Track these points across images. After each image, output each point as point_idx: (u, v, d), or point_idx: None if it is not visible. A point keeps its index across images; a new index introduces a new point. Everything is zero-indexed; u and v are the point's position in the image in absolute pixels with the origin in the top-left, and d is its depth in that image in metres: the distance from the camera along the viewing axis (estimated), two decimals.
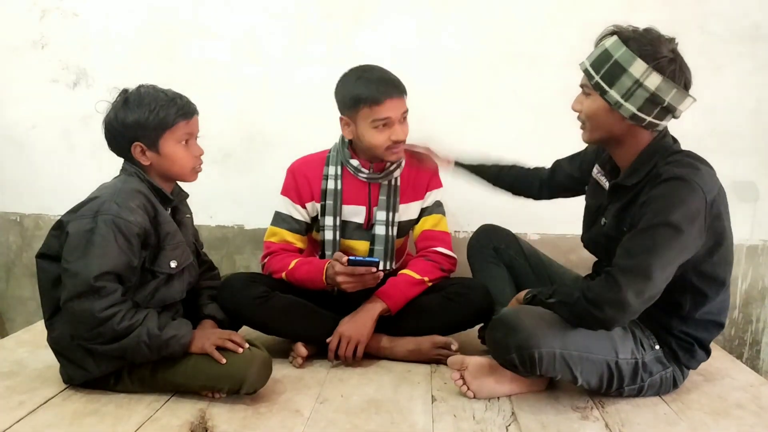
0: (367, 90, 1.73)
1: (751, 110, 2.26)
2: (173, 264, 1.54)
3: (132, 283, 1.47)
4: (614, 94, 1.40)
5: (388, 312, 1.79)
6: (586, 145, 1.67)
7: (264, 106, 2.38)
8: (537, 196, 1.94)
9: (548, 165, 1.93)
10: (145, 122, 1.48)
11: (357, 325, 1.75)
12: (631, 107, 1.40)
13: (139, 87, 1.53)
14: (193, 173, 1.59)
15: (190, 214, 1.74)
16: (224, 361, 1.46)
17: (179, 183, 1.65)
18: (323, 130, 1.98)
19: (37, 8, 2.37)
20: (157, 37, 2.36)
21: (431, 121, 2.32)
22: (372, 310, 1.77)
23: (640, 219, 1.38)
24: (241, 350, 1.48)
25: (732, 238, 1.49)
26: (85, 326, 1.41)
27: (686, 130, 1.64)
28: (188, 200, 1.72)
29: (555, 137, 2.23)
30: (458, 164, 1.95)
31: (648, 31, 1.40)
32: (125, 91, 1.53)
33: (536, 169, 1.95)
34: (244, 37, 2.34)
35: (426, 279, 1.85)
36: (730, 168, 2.26)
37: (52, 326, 1.52)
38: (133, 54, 2.37)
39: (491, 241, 1.90)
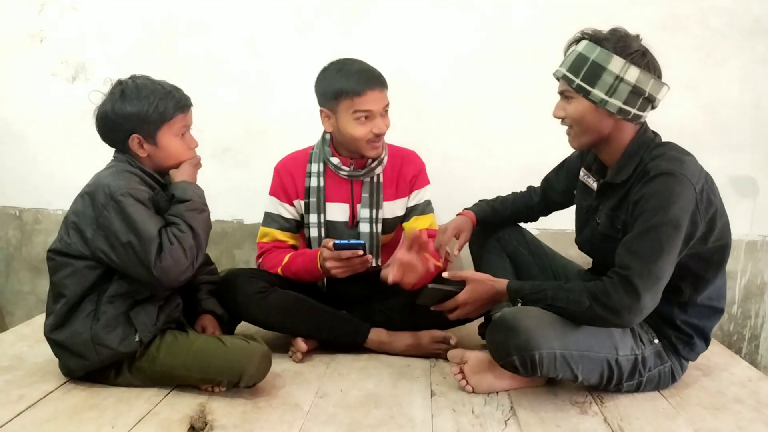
0: (348, 81, 1.72)
1: (751, 105, 2.26)
2: None
3: None
4: (598, 92, 1.43)
5: None
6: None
7: (262, 100, 2.37)
8: (535, 219, 1.95)
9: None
10: (145, 115, 1.48)
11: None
12: (616, 102, 1.43)
13: (134, 78, 1.52)
14: None
15: None
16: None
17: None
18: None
19: (36, 2, 2.36)
20: (155, 31, 2.35)
21: (429, 116, 2.32)
22: None
23: (636, 217, 1.40)
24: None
25: (727, 219, 1.50)
26: (184, 263, 1.45)
27: (686, 124, 1.64)
28: None
29: (553, 132, 2.24)
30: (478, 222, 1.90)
31: (616, 30, 1.45)
32: (120, 82, 1.52)
33: (528, 192, 1.94)
34: (242, 31, 2.34)
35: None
36: (730, 163, 2.26)
37: (69, 317, 1.49)
38: (132, 48, 2.36)
39: (495, 230, 1.88)
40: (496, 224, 1.90)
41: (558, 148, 1.88)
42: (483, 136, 2.35)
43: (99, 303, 1.49)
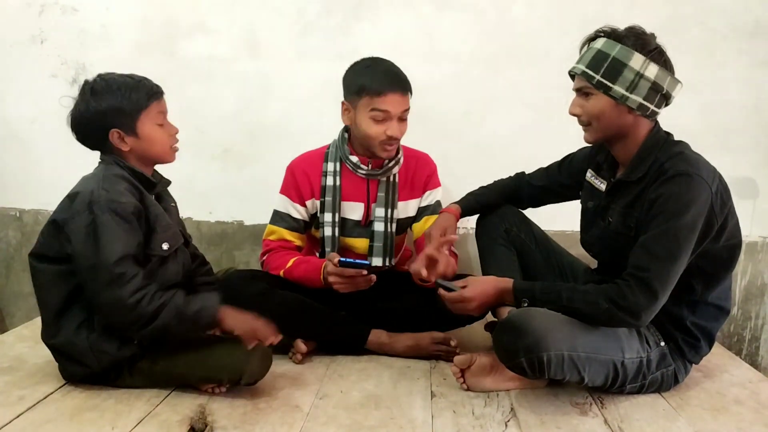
0: (372, 79, 1.74)
1: (751, 107, 2.26)
2: (165, 246, 1.52)
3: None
4: (619, 88, 1.44)
5: None
6: (585, 143, 1.65)
7: (263, 101, 2.37)
8: (523, 209, 1.93)
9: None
10: (120, 107, 1.47)
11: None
12: (637, 98, 1.44)
13: (101, 76, 1.51)
14: (171, 152, 1.58)
15: (175, 203, 1.71)
16: (250, 347, 1.47)
17: (159, 170, 1.63)
18: (322, 125, 1.98)
19: (36, 3, 2.36)
20: (156, 32, 2.35)
21: (429, 117, 2.32)
22: None
23: (653, 217, 1.41)
24: (267, 343, 1.50)
25: (737, 219, 1.51)
26: (119, 315, 1.41)
27: (686, 126, 1.65)
28: (187, 195, 1.72)
29: (554, 133, 2.24)
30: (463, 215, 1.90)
31: (633, 28, 1.47)
32: (87, 82, 1.51)
33: (517, 183, 1.92)
34: (243, 32, 2.34)
35: None
36: (730, 165, 2.23)
37: (58, 325, 1.50)
38: (132, 49, 2.36)
39: (503, 222, 1.86)
40: (491, 209, 1.90)
41: (558, 148, 1.88)
42: (483, 137, 2.35)
43: (92, 312, 1.48)
